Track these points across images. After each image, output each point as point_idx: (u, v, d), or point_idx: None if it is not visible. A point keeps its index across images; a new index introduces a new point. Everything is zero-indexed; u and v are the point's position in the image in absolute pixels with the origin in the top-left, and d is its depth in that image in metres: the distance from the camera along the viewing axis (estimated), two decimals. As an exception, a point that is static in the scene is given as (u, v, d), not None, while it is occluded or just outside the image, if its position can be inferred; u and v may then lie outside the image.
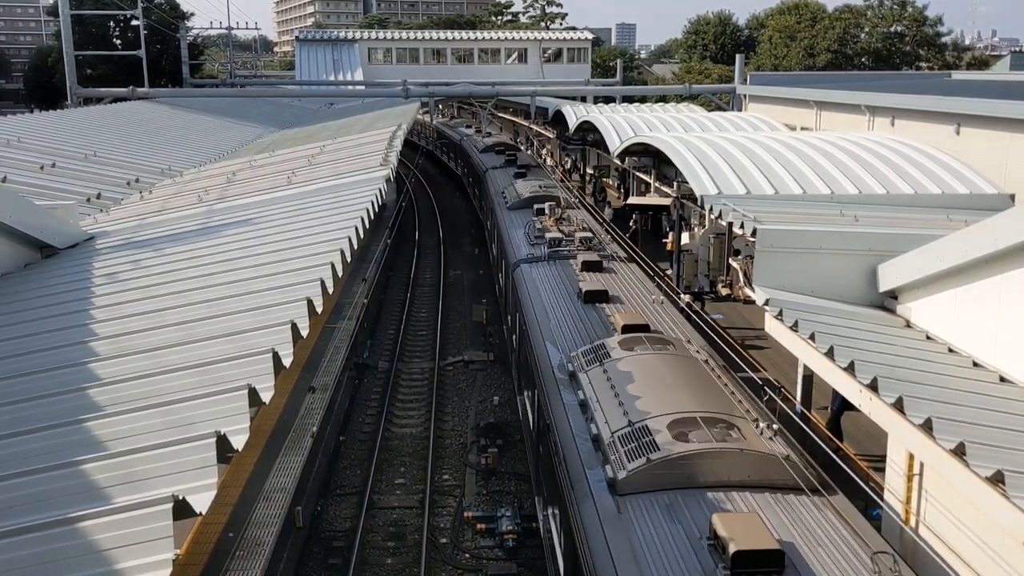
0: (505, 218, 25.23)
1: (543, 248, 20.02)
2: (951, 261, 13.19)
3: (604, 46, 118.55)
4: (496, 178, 32.60)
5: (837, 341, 12.86)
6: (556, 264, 18.89)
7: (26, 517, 6.27)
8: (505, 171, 33.99)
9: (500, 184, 30.77)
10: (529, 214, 24.14)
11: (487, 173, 34.94)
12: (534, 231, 21.81)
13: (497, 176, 33.02)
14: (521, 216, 24.56)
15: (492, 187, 31.41)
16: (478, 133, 48.56)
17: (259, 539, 12.29)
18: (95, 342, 10.14)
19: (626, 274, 18.25)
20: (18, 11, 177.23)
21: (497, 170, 34.68)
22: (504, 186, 30.05)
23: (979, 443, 9.64)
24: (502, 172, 33.77)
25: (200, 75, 73.61)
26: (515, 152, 37.91)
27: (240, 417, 7.44)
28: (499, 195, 28.87)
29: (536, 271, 18.61)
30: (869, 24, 72.22)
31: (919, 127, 26.33)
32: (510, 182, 30.25)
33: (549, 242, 20.18)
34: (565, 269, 18.39)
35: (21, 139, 25.59)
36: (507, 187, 29.56)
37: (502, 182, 31.08)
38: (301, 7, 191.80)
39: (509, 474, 18.04)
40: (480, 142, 44.44)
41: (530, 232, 21.91)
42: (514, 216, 25.14)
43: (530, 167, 34.05)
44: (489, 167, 35.74)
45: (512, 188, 28.76)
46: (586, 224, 22.91)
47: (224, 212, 17.70)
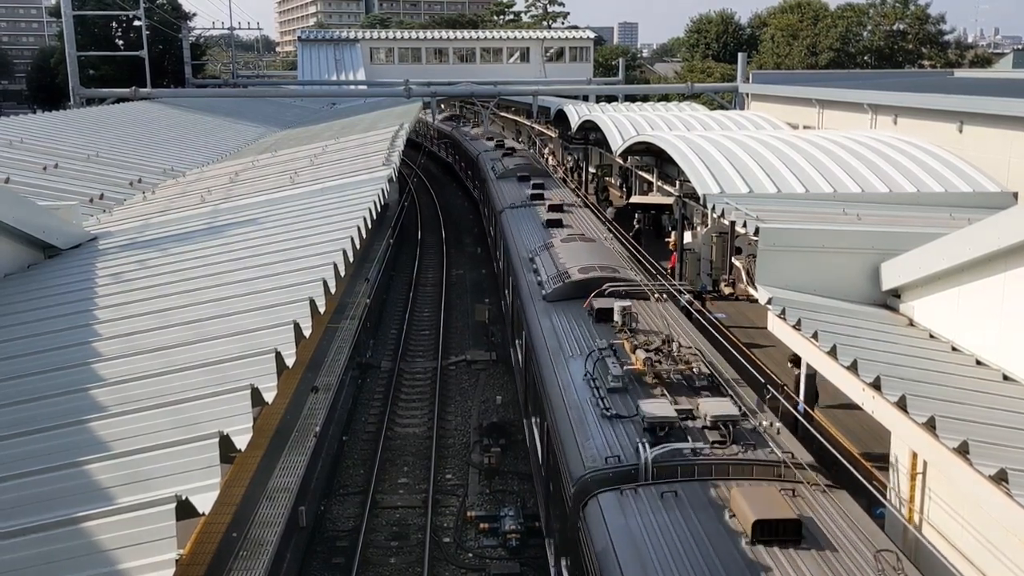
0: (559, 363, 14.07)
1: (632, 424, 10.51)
2: (954, 259, 13.17)
3: (606, 45, 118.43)
4: (542, 258, 18.96)
5: (840, 340, 12.85)
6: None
7: (31, 517, 6.29)
8: (545, 232, 21.87)
9: (546, 270, 17.93)
10: (584, 315, 14.84)
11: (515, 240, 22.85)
12: (606, 375, 11.77)
13: (541, 253, 19.45)
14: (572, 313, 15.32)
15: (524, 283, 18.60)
16: (499, 149, 40.19)
17: (262, 539, 12.31)
18: (98, 342, 10.15)
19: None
20: (21, 12, 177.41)
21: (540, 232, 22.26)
22: (547, 270, 17.95)
23: (982, 441, 9.63)
24: (541, 231, 22.14)
25: (202, 75, 73.68)
26: (542, 181, 29.67)
27: (243, 417, 7.46)
28: (537, 282, 17.67)
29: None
30: (871, 22, 72.16)
31: (921, 125, 26.31)
32: (554, 256, 18.63)
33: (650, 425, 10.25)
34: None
35: (24, 140, 25.63)
36: (550, 269, 17.93)
37: (546, 262, 18.48)
38: (303, 7, 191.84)
39: (512, 473, 18.04)
40: (498, 162, 35.17)
41: (600, 376, 11.84)
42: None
43: (567, 207, 24.73)
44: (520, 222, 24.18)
45: (559, 263, 17.84)
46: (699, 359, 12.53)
47: (227, 212, 17.71)
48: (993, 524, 10.01)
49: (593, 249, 18.74)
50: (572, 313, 15.05)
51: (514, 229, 23.11)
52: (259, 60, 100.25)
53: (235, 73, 71.67)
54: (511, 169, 32.89)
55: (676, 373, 11.53)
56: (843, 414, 17.13)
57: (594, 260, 17.37)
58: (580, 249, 18.51)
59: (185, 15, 73.62)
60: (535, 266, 18.38)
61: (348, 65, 67.72)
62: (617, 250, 19.68)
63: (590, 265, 16.89)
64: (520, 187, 29.20)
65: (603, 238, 21.08)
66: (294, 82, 70.15)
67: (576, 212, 24.81)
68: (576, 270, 16.63)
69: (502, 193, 28.99)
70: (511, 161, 35.38)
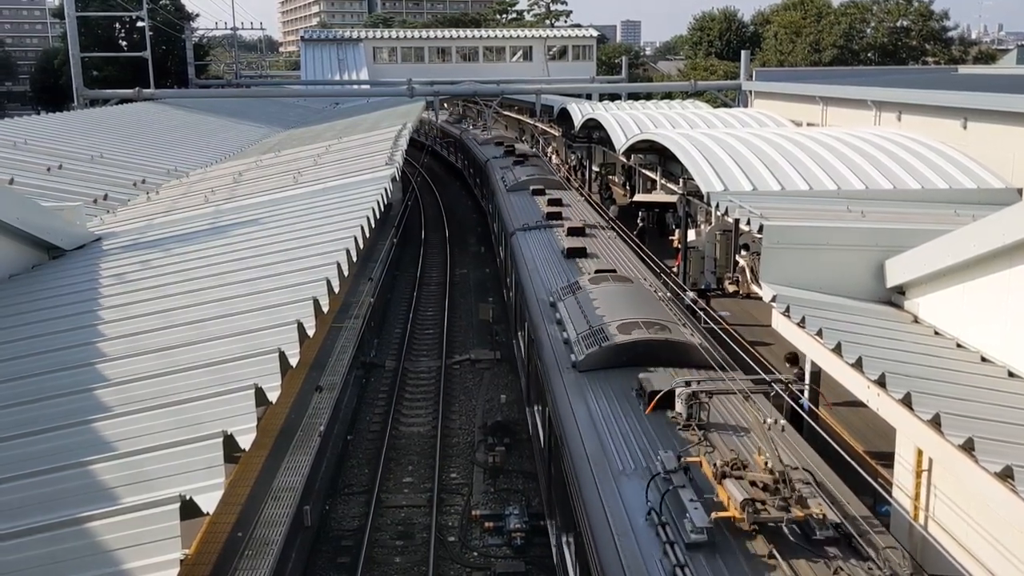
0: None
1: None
2: (959, 256, 13.13)
3: (609, 43, 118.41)
4: (567, 306, 15.22)
5: (845, 337, 12.82)
6: None
7: (35, 517, 6.30)
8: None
9: (574, 323, 14.11)
10: (632, 397, 11.33)
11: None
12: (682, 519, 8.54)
13: (566, 298, 15.70)
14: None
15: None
16: (508, 156, 37.02)
17: (267, 538, 12.32)
18: (102, 343, 10.16)
19: None
20: (24, 13, 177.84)
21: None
22: (575, 324, 14.32)
23: (988, 438, 9.60)
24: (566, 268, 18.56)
25: (205, 76, 73.76)
26: (559, 195, 26.42)
27: (247, 417, 7.46)
28: (563, 340, 13.81)
29: None
30: (875, 19, 72.07)
31: (926, 122, 26.24)
32: (583, 303, 15.07)
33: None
34: None
35: (28, 141, 25.68)
36: (580, 323, 14.42)
37: (573, 312, 14.86)
38: (306, 7, 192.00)
39: (516, 472, 18.04)
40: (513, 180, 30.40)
41: (671, 519, 8.52)
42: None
43: (590, 229, 21.54)
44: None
45: (590, 315, 14.34)
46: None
47: (230, 212, 17.72)
48: (999, 521, 9.98)
49: (632, 294, 14.69)
50: (614, 392, 11.24)
51: (529, 258, 19.40)
52: (262, 60, 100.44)
53: (238, 73, 71.75)
54: (523, 181, 29.39)
55: (790, 522, 7.70)
56: (847, 411, 17.09)
57: (636, 311, 13.38)
58: (616, 294, 14.59)
59: (188, 16, 73.71)
60: (558, 315, 14.63)
61: (351, 65, 67.76)
62: (660, 294, 15.44)
63: (631, 320, 12.89)
64: (534, 203, 25.89)
65: (641, 276, 17.06)
66: (297, 82, 70.25)
67: (601, 237, 21.15)
68: (614, 327, 12.72)
69: (513, 210, 25.57)
70: (523, 171, 31.73)
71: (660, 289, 15.84)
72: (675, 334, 12.40)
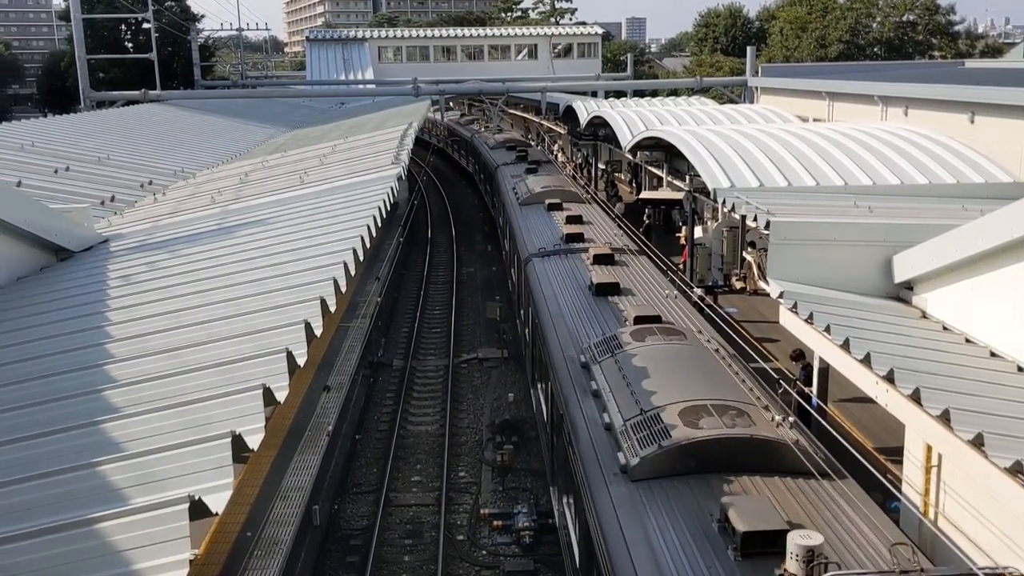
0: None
1: None
2: (967, 251, 13.09)
3: (614, 40, 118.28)
4: (607, 374, 12.09)
5: (853, 333, 12.80)
6: None
7: (45, 518, 6.32)
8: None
9: (619, 403, 10.99)
10: (714, 531, 8.27)
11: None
12: None
13: (604, 361, 12.55)
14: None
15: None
16: (521, 163, 33.80)
17: (277, 538, 12.34)
18: (111, 344, 10.19)
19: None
20: (31, 16, 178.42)
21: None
22: (621, 406, 11.28)
23: (998, 434, 9.57)
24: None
25: (211, 77, 73.81)
26: (579, 211, 23.37)
27: (255, 417, 7.47)
28: (604, 426, 10.81)
29: None
30: (881, 14, 71.84)
31: (933, 116, 26.15)
32: (628, 373, 11.92)
33: None
34: None
35: (35, 143, 25.74)
36: (627, 404, 11.29)
37: (616, 384, 12.00)
38: (311, 7, 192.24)
39: (525, 470, 18.04)
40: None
41: None
42: None
43: (618, 254, 18.45)
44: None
45: (640, 393, 11.38)
46: None
47: (238, 213, 17.75)
48: (1009, 516, 9.95)
49: (689, 358, 11.41)
50: (684, 519, 8.16)
51: (549, 295, 16.17)
52: (267, 61, 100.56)
53: (244, 74, 71.79)
54: (537, 193, 26.02)
55: None
56: (855, 407, 17.06)
57: (700, 386, 10.21)
58: (668, 358, 11.33)
59: (193, 17, 73.79)
60: (595, 384, 11.35)
61: (356, 64, 67.76)
62: (720, 351, 12.12)
63: (697, 402, 9.63)
64: (550, 220, 22.68)
65: (691, 321, 13.87)
66: (303, 82, 70.24)
67: (633, 266, 17.80)
68: (675, 412, 9.45)
69: (527, 229, 22.16)
70: (537, 181, 28.12)
71: (720, 343, 12.58)
72: (761, 426, 9.12)
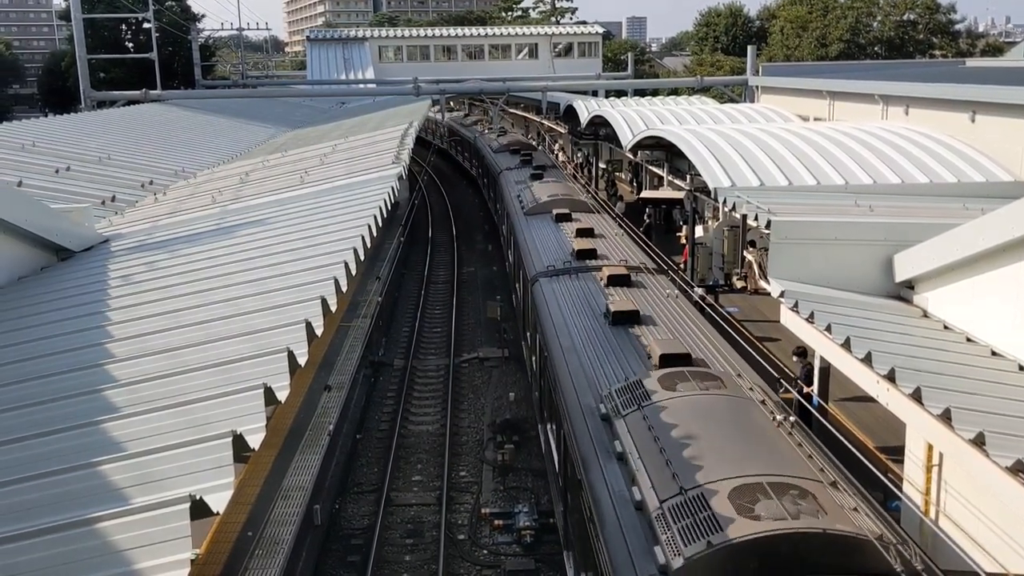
0: None
1: None
2: (968, 250, 13.09)
3: (615, 40, 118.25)
4: (635, 434, 10.04)
5: (853, 332, 12.79)
6: None
7: (45, 518, 6.31)
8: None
9: (651, 472, 9.20)
10: None
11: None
12: None
13: (628, 416, 10.57)
14: None
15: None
16: (526, 167, 32.32)
17: (278, 537, 12.35)
18: (111, 344, 10.18)
19: None
20: (31, 16, 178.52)
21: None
22: (654, 475, 9.40)
23: (999, 432, 9.57)
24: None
25: (212, 76, 73.84)
26: (590, 223, 21.81)
27: (256, 416, 7.46)
28: (634, 504, 8.93)
29: None
30: (881, 13, 71.84)
31: (933, 115, 26.14)
32: (660, 436, 9.80)
33: None
34: None
35: (36, 143, 25.74)
36: (659, 472, 9.41)
37: (646, 449, 9.81)
38: (311, 7, 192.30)
39: (525, 470, 18.04)
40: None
41: None
42: None
43: (635, 273, 17.04)
44: None
45: (676, 460, 9.41)
46: None
47: (238, 212, 17.74)
48: (1010, 515, 9.95)
49: (733, 413, 9.64)
50: None
51: (559, 323, 14.45)
52: (268, 60, 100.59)
53: (244, 74, 71.83)
54: (544, 202, 24.34)
55: None
56: (856, 407, 17.05)
57: (749, 454, 8.61)
58: (707, 413, 9.61)
59: (194, 17, 73.83)
60: (620, 446, 9.51)
61: (357, 64, 67.76)
62: (772, 410, 9.93)
63: (750, 480, 8.04)
64: (558, 233, 21.03)
65: (731, 369, 11.71)
66: (303, 82, 70.22)
67: (652, 287, 16.05)
68: (726, 496, 7.83)
69: (533, 243, 20.29)
70: (543, 188, 26.39)
71: (762, 390, 10.84)
72: (833, 515, 7.48)
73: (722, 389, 10.29)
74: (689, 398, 10.04)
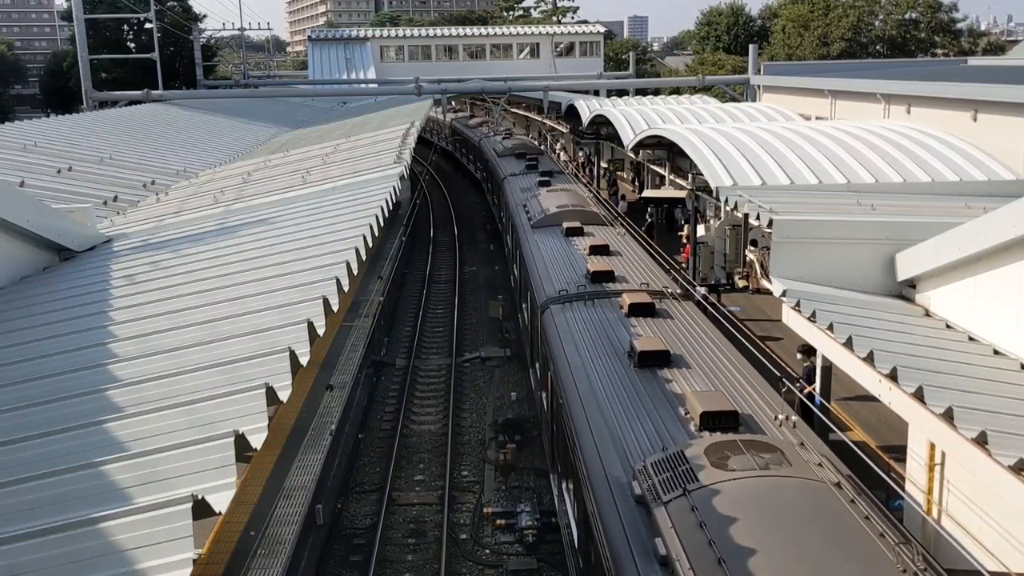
0: None
1: None
2: (970, 249, 13.08)
3: (616, 39, 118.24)
4: (679, 526, 8.03)
5: (855, 331, 12.78)
6: None
7: (48, 518, 6.32)
8: None
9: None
10: None
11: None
12: None
13: (672, 503, 8.45)
14: None
15: None
16: (532, 173, 30.57)
17: (280, 537, 12.37)
18: (114, 343, 10.19)
19: None
20: (33, 16, 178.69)
21: None
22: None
23: (1001, 431, 9.56)
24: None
25: (214, 76, 73.87)
26: (604, 240, 20.14)
27: (258, 416, 7.47)
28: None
29: None
30: (883, 11, 71.73)
31: (935, 114, 26.12)
32: (717, 546, 7.67)
33: None
34: None
35: (38, 143, 25.76)
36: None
37: (697, 555, 7.69)
38: (313, 7, 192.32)
39: (528, 469, 18.04)
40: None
41: None
42: None
43: (657, 299, 15.34)
44: None
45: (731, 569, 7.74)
46: None
47: (240, 212, 17.76)
48: (1013, 514, 9.94)
49: (807, 509, 7.79)
50: None
51: (576, 363, 12.63)
52: (270, 60, 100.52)
53: (246, 74, 71.79)
54: (553, 214, 22.55)
55: None
56: (858, 405, 17.06)
57: (837, 570, 7.02)
58: (774, 509, 7.78)
59: (196, 17, 73.83)
60: (662, 549, 7.66)
61: (358, 64, 67.76)
62: (856, 500, 8.05)
63: None
64: (570, 250, 19.32)
65: (790, 435, 9.65)
66: (305, 82, 70.21)
67: (680, 319, 14.24)
68: None
69: (543, 262, 18.52)
70: (552, 198, 24.36)
71: (834, 467, 8.79)
72: None
73: (785, 467, 8.33)
74: (747, 482, 8.11)
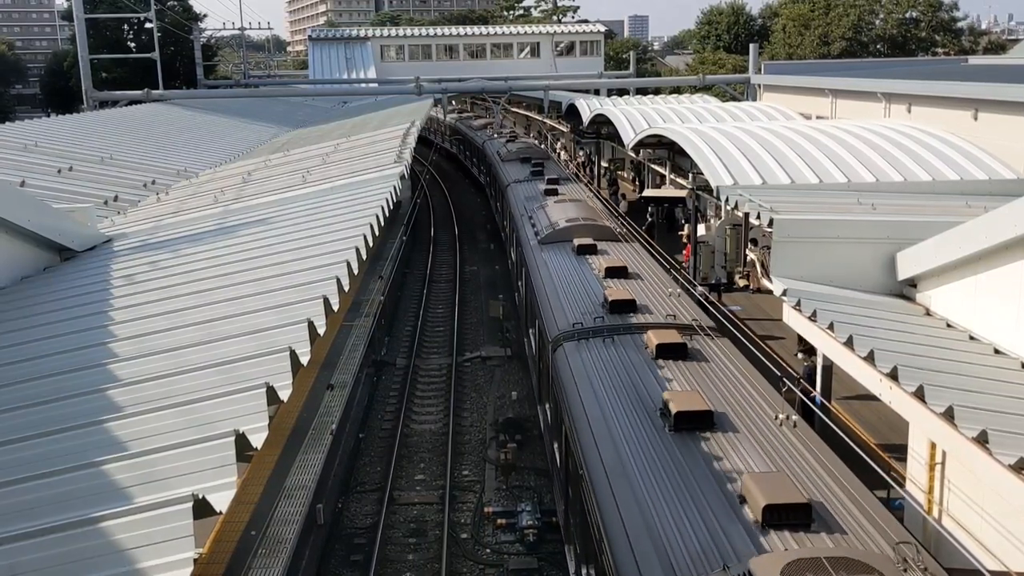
0: None
1: None
2: (970, 248, 13.08)
3: (617, 38, 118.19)
4: None
5: (856, 330, 12.78)
6: None
7: (49, 518, 6.33)
8: None
9: None
10: None
11: None
12: None
13: None
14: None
15: None
16: (536, 179, 29.05)
17: (281, 537, 12.36)
18: (115, 343, 10.19)
19: None
20: (33, 16, 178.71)
21: None
22: None
23: (1002, 430, 9.56)
24: None
25: (214, 76, 73.89)
26: (622, 262, 17.59)
27: (259, 415, 7.47)
28: None
29: None
30: (884, 11, 71.70)
31: (936, 113, 26.11)
32: None
33: None
34: None
35: (39, 143, 25.77)
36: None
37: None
38: (313, 6, 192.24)
39: (528, 469, 18.04)
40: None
41: None
42: None
43: (687, 336, 13.16)
44: None
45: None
46: None
47: (240, 212, 17.76)
48: (1013, 513, 9.94)
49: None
50: None
51: (597, 420, 10.63)
52: (270, 60, 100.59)
53: (246, 73, 71.80)
54: (563, 229, 20.35)
55: None
56: (859, 404, 17.05)
57: None
58: None
59: (196, 16, 73.83)
60: None
61: (359, 63, 67.76)
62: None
63: None
64: (585, 273, 17.17)
65: (885, 541, 7.53)
66: (305, 81, 70.20)
67: (718, 362, 12.10)
68: None
69: (553, 287, 16.49)
70: (560, 210, 22.06)
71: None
72: None
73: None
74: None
